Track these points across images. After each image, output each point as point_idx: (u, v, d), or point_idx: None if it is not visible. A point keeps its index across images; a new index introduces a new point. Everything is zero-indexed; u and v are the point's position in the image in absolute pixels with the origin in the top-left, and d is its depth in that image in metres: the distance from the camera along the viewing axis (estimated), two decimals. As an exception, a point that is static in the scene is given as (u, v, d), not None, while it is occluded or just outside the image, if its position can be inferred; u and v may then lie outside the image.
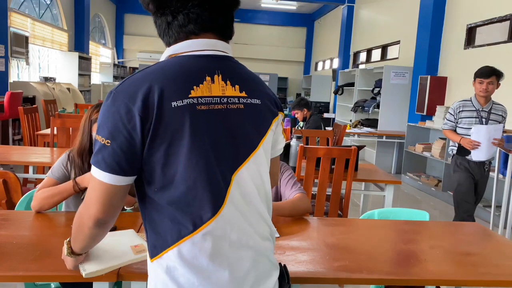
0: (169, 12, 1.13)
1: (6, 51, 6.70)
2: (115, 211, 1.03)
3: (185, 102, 1.01)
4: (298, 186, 2.11)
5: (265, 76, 14.14)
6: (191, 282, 1.00)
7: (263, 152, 1.13)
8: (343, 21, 10.80)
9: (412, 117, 6.87)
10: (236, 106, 1.08)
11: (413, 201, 5.55)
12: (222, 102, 1.06)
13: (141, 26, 14.66)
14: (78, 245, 1.14)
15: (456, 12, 6.13)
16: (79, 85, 9.62)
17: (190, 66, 1.08)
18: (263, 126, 1.13)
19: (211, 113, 1.04)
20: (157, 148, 0.98)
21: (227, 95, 1.07)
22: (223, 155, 1.05)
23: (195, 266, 1.00)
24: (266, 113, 1.14)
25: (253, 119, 1.11)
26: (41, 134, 4.39)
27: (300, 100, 5.25)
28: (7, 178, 1.95)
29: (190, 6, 1.08)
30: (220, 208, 1.03)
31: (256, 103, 1.12)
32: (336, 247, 1.67)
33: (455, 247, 1.77)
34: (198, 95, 1.03)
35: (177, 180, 1.00)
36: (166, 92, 1.00)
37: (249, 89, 1.11)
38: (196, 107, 1.01)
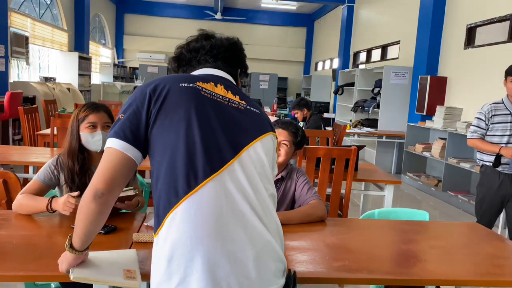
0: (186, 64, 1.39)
1: (6, 51, 6.70)
2: (114, 186, 1.10)
3: (191, 85, 1.18)
4: (314, 191, 2.10)
5: (265, 76, 14.15)
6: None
7: (262, 147, 1.22)
8: (343, 21, 10.80)
9: (412, 117, 6.87)
10: (237, 106, 1.24)
11: (413, 201, 5.55)
12: (224, 99, 1.21)
13: (141, 26, 14.67)
14: (78, 232, 1.16)
15: (456, 12, 6.13)
16: (79, 85, 9.62)
17: (199, 75, 1.28)
18: (263, 129, 1.25)
19: (214, 101, 1.18)
20: (162, 120, 1.12)
21: (229, 97, 1.23)
22: (227, 137, 1.15)
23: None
24: (264, 121, 1.27)
25: (252, 119, 1.24)
26: (41, 134, 4.39)
27: (300, 100, 5.25)
28: (7, 178, 1.95)
29: (202, 57, 1.37)
30: (197, 187, 1.09)
31: (254, 111, 1.26)
32: (336, 247, 1.67)
33: (455, 247, 1.77)
34: (204, 86, 1.20)
35: (172, 152, 1.11)
36: (176, 78, 1.20)
37: (248, 101, 1.27)
38: (200, 92, 1.18)
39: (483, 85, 5.43)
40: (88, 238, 1.18)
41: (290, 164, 2.22)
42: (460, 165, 5.16)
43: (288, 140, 2.11)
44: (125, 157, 1.11)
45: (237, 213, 1.11)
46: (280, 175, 2.14)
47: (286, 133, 2.12)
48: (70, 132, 1.93)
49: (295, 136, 2.12)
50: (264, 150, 1.22)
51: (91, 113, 1.93)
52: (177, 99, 1.14)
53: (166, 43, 14.73)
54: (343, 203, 3.04)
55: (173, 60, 1.39)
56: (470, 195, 5.21)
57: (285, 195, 2.14)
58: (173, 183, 1.09)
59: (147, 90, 1.16)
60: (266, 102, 12.19)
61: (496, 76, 5.20)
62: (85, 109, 1.95)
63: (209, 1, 13.34)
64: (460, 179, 5.42)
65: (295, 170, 2.20)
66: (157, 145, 1.13)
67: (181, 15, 14.59)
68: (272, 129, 1.30)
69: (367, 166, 3.79)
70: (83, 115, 1.93)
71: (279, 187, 2.14)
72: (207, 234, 1.07)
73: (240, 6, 14.31)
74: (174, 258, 1.06)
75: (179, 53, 1.38)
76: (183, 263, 1.05)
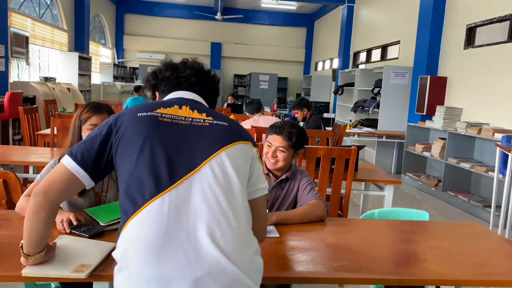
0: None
1: (6, 51, 6.70)
2: (52, 192, 1.21)
3: (149, 113, 1.25)
4: (315, 192, 2.10)
5: (265, 76, 14.15)
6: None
7: (228, 158, 1.21)
8: (343, 21, 10.80)
9: (412, 117, 6.87)
10: (201, 124, 1.26)
11: (413, 201, 5.55)
12: (187, 120, 1.25)
13: (141, 26, 14.67)
14: (24, 233, 1.24)
15: (456, 12, 6.13)
16: (79, 85, 9.62)
17: (164, 100, 1.37)
18: (230, 139, 1.25)
19: (173, 124, 1.24)
20: (121, 149, 1.22)
21: (193, 117, 1.27)
22: (179, 158, 1.19)
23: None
24: (233, 132, 1.28)
25: (217, 133, 1.25)
26: (41, 134, 4.38)
27: (300, 100, 5.25)
28: (7, 178, 1.94)
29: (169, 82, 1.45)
30: (141, 208, 1.14)
31: (222, 124, 1.27)
32: (336, 247, 1.67)
33: (455, 247, 1.77)
34: (164, 112, 1.26)
35: (128, 179, 1.19)
36: (136, 109, 1.27)
37: (216, 116, 1.30)
38: (158, 118, 1.24)
39: (483, 85, 5.43)
40: (30, 240, 1.24)
41: (294, 165, 2.22)
42: (460, 165, 5.16)
43: (284, 145, 2.09)
44: (71, 174, 1.23)
45: (179, 234, 1.10)
46: (284, 176, 2.15)
47: (281, 138, 2.08)
48: (72, 132, 1.93)
49: (289, 139, 2.09)
50: (232, 161, 1.21)
51: (94, 115, 1.93)
52: (133, 129, 1.22)
53: (166, 43, 14.74)
54: (343, 203, 3.04)
55: (147, 87, 1.50)
56: (470, 195, 5.21)
57: (288, 195, 2.15)
58: (126, 205, 1.17)
59: (111, 121, 1.27)
60: (266, 102, 12.19)
61: (496, 76, 5.20)
62: (88, 110, 1.94)
63: (209, 1, 13.34)
64: (460, 179, 5.42)
65: (299, 171, 2.20)
66: (119, 172, 1.23)
67: (181, 15, 14.59)
68: (246, 138, 1.30)
69: (367, 166, 3.79)
70: (85, 116, 1.92)
71: (283, 187, 2.15)
72: (143, 255, 1.09)
73: (240, 6, 14.31)
74: (120, 271, 1.14)
75: (151, 81, 1.48)
76: (126, 278, 1.11)
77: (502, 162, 3.96)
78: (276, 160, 2.09)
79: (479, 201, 4.95)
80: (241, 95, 15.04)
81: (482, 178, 5.21)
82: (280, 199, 2.14)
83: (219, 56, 15.13)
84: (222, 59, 15.25)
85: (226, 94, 11.87)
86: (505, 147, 3.86)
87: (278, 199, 2.14)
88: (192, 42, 14.86)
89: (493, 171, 4.11)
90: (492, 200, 4.00)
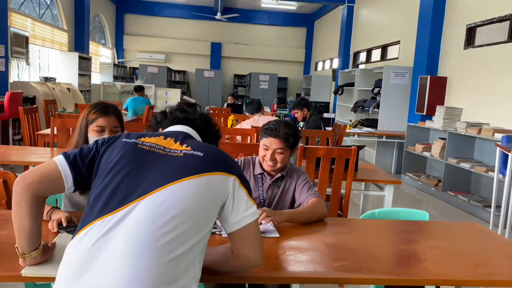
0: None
1: (6, 51, 6.70)
2: (33, 180, 1.22)
3: (132, 140, 1.29)
4: (314, 190, 2.11)
5: (265, 76, 14.16)
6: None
7: (190, 187, 1.18)
8: (343, 21, 10.80)
9: (412, 117, 6.87)
10: (176, 154, 1.26)
11: (413, 201, 5.55)
12: (165, 150, 1.27)
13: (141, 26, 14.67)
14: (14, 231, 1.26)
15: (456, 12, 6.13)
16: (79, 85, 9.62)
17: (154, 133, 1.41)
18: (202, 169, 1.22)
19: (151, 152, 1.26)
20: (98, 167, 1.27)
21: (172, 148, 1.28)
22: (135, 185, 1.19)
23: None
24: (206, 162, 1.24)
25: (187, 163, 1.23)
26: (41, 134, 4.38)
27: (300, 100, 5.25)
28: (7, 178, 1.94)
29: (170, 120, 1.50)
30: (82, 229, 1.16)
31: (197, 154, 1.26)
32: (336, 247, 1.67)
33: (455, 247, 1.77)
34: (146, 141, 1.30)
35: (92, 197, 1.23)
36: (128, 135, 1.33)
37: (195, 147, 1.29)
38: (137, 145, 1.27)
39: (483, 85, 5.43)
40: (19, 236, 1.26)
41: (291, 163, 2.23)
42: (460, 165, 5.16)
43: (282, 147, 2.08)
44: (57, 171, 1.26)
45: (102, 259, 1.09)
46: (280, 174, 2.15)
47: (278, 141, 2.07)
48: (79, 131, 1.94)
49: (286, 140, 2.08)
50: (195, 190, 1.18)
51: (101, 117, 1.93)
52: (112, 152, 1.27)
53: (166, 43, 14.74)
54: (343, 203, 3.04)
55: (153, 122, 1.56)
56: (470, 195, 5.21)
57: (285, 193, 2.16)
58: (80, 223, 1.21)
59: (99, 142, 1.33)
60: (266, 102, 12.20)
61: (496, 76, 5.20)
62: (95, 112, 1.94)
63: (209, 1, 13.34)
64: (460, 179, 5.42)
65: (295, 170, 2.20)
66: (90, 192, 1.26)
67: (181, 15, 14.59)
68: (223, 169, 1.24)
69: (367, 166, 3.79)
70: (92, 118, 1.93)
71: (279, 185, 2.15)
72: (68, 278, 1.10)
73: (240, 6, 14.31)
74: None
75: (159, 117, 1.55)
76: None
77: (502, 162, 3.96)
78: (274, 163, 2.09)
79: (479, 201, 4.95)
80: (241, 95, 15.04)
81: (482, 178, 5.21)
82: (277, 198, 2.14)
83: (219, 56, 15.13)
84: (222, 59, 15.24)
85: (226, 94, 11.87)
86: (505, 147, 3.86)
87: (275, 197, 2.14)
88: (192, 42, 14.87)
89: (493, 171, 4.11)
90: (492, 200, 4.00)
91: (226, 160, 1.30)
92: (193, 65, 14.80)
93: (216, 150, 1.32)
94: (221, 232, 1.71)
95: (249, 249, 1.27)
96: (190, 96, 13.93)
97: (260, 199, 2.13)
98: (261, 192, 2.14)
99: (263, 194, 2.14)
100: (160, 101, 10.57)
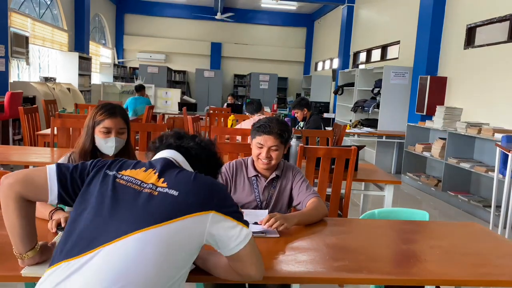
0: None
1: (6, 51, 6.70)
2: (15, 181, 1.21)
3: (112, 173, 1.26)
4: (312, 189, 2.11)
5: (265, 76, 14.16)
6: None
7: (157, 237, 1.13)
8: (343, 21, 10.80)
9: (412, 117, 6.87)
10: (150, 191, 1.21)
11: (413, 201, 5.55)
12: (142, 186, 1.23)
13: (141, 26, 14.67)
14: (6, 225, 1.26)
15: (456, 12, 6.13)
16: (79, 85, 9.62)
17: (139, 161, 1.36)
18: (165, 216, 1.15)
19: (127, 188, 1.22)
20: (78, 196, 1.25)
21: (150, 182, 1.23)
22: (99, 229, 1.15)
23: None
24: (181, 205, 1.18)
25: (158, 206, 1.17)
26: (41, 134, 4.38)
27: (300, 100, 5.25)
28: (7, 178, 1.94)
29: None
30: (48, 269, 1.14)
31: (171, 194, 1.19)
32: (336, 247, 1.67)
33: (455, 247, 1.77)
34: (125, 174, 1.26)
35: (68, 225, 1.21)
36: (111, 163, 1.30)
37: (175, 183, 1.22)
38: (116, 179, 1.24)
39: (483, 85, 5.43)
40: (12, 236, 1.25)
41: (284, 161, 2.21)
42: (460, 165, 5.16)
43: (276, 144, 2.07)
44: (45, 179, 1.25)
45: None
46: (274, 174, 2.14)
47: (272, 137, 2.06)
48: (86, 132, 1.94)
49: (281, 136, 2.07)
50: (159, 242, 1.12)
51: (108, 118, 1.93)
52: (96, 183, 1.25)
53: (166, 43, 14.74)
54: (343, 203, 3.04)
55: (152, 148, 1.49)
56: (470, 195, 5.21)
57: (281, 193, 2.15)
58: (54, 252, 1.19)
59: (88, 165, 1.31)
60: (266, 102, 12.20)
61: (496, 76, 5.20)
62: (102, 113, 1.94)
63: (209, 1, 13.34)
64: (460, 179, 5.42)
65: (290, 168, 2.19)
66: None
67: (181, 15, 14.60)
68: (204, 205, 1.19)
69: (367, 166, 3.79)
70: (99, 119, 1.93)
71: (275, 185, 2.15)
72: None
73: (240, 6, 14.31)
74: None
75: (157, 143, 1.48)
76: None
77: (502, 162, 3.96)
78: (269, 160, 2.08)
79: (479, 201, 4.95)
80: (241, 95, 15.05)
81: (482, 178, 5.21)
82: (274, 198, 2.14)
83: (219, 56, 15.14)
84: (222, 59, 15.25)
85: (226, 94, 11.87)
86: (505, 147, 3.86)
87: (272, 198, 2.14)
88: (192, 42, 14.87)
89: (493, 171, 4.11)
90: (492, 200, 4.00)
91: (205, 193, 1.22)
92: (193, 65, 14.81)
93: (196, 184, 1.23)
94: None
95: (249, 268, 1.26)
96: (190, 96, 13.93)
97: (257, 201, 2.13)
98: (257, 194, 2.13)
99: (260, 196, 2.13)
100: (160, 101, 10.57)
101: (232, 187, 2.15)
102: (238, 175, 2.15)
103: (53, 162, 3.44)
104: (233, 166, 2.17)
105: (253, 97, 13.21)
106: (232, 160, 2.23)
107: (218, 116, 6.38)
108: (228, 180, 2.14)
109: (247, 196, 2.13)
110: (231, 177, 2.15)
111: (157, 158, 1.36)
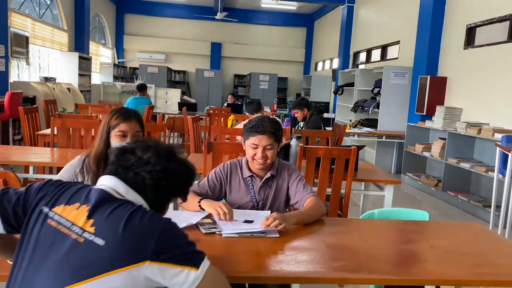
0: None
1: (6, 51, 6.70)
2: None
3: (45, 211, 1.14)
4: (309, 188, 2.11)
5: (265, 76, 14.16)
6: None
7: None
8: (343, 21, 10.80)
9: (412, 117, 6.87)
10: (76, 237, 1.07)
11: (413, 201, 5.55)
12: (71, 229, 1.09)
13: (141, 26, 14.67)
14: None
15: (456, 12, 6.13)
16: (79, 85, 9.62)
17: (79, 190, 1.19)
18: (88, 272, 1.03)
19: (53, 231, 1.10)
20: (23, 232, 1.15)
21: (78, 225, 1.09)
22: (32, 269, 1.08)
23: None
24: (106, 258, 1.04)
25: (82, 259, 1.05)
26: (41, 134, 4.38)
27: (300, 100, 5.25)
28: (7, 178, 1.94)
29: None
30: None
31: (96, 243, 1.05)
32: (336, 247, 1.67)
33: (455, 247, 1.77)
34: (58, 212, 1.13)
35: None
36: (52, 194, 1.17)
37: (104, 227, 1.07)
38: (47, 219, 1.12)
39: (483, 85, 5.43)
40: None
41: (278, 159, 2.21)
42: (460, 165, 5.16)
43: (271, 143, 2.06)
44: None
45: None
46: (269, 173, 2.13)
47: (266, 137, 2.05)
48: (100, 136, 1.95)
49: (275, 135, 2.07)
50: None
51: (123, 122, 1.94)
52: (30, 222, 1.15)
53: (166, 43, 14.74)
54: (343, 203, 3.04)
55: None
56: (470, 195, 5.21)
57: (277, 192, 2.15)
58: None
59: (34, 188, 1.20)
60: (266, 102, 12.20)
61: (496, 76, 5.20)
62: (117, 117, 1.95)
63: (209, 1, 13.34)
64: (460, 179, 5.42)
65: (285, 167, 2.18)
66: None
67: (181, 15, 14.60)
68: (137, 257, 1.04)
69: (367, 166, 3.79)
70: (114, 123, 1.94)
71: (270, 185, 2.14)
72: None
73: (240, 6, 14.31)
74: None
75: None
76: None
77: (502, 162, 3.96)
78: (265, 160, 2.08)
79: (479, 201, 4.95)
80: (241, 95, 15.05)
81: (482, 178, 5.21)
82: (270, 198, 2.14)
83: (219, 56, 15.14)
84: (222, 59, 15.25)
85: (226, 94, 11.87)
86: (505, 147, 3.86)
87: (268, 198, 2.14)
88: (192, 42, 14.87)
89: (493, 171, 4.11)
90: (492, 200, 4.00)
91: (138, 242, 1.05)
92: (193, 65, 14.81)
93: (126, 231, 1.06)
94: (221, 232, 1.72)
95: None
96: (190, 96, 13.93)
97: (253, 201, 2.12)
98: (253, 194, 2.13)
99: (256, 196, 2.13)
100: (160, 101, 10.57)
101: (227, 188, 2.15)
102: (233, 176, 2.15)
103: (53, 162, 3.43)
104: (227, 168, 2.16)
105: (253, 97, 13.21)
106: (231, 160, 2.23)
107: (218, 116, 6.38)
108: (223, 182, 2.14)
109: (243, 197, 2.13)
110: (226, 178, 2.14)
111: (96, 188, 1.18)
